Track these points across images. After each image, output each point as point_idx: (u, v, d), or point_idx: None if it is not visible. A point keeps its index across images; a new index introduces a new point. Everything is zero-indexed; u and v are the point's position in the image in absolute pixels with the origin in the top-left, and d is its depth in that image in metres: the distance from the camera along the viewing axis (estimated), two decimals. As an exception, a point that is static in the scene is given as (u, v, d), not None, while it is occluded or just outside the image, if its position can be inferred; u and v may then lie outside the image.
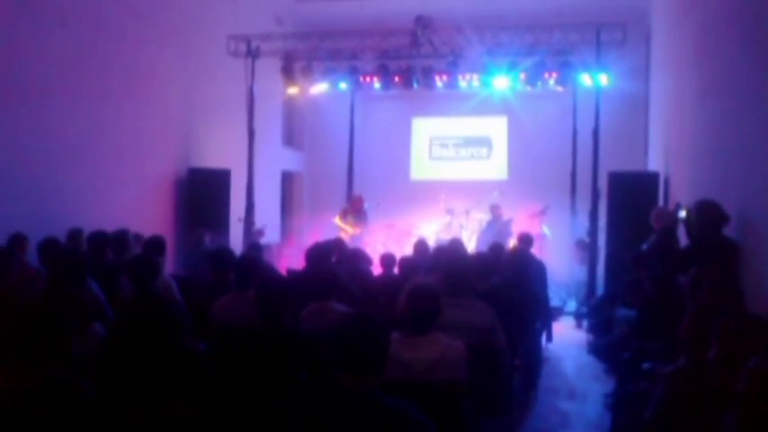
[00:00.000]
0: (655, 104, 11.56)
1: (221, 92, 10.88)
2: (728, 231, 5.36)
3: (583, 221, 10.65)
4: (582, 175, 10.84)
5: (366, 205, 11.82)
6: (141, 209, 9.07)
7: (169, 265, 8.10)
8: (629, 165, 10.79)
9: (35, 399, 2.54)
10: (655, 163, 10.96)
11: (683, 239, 6.57)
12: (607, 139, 10.22)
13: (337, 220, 11.58)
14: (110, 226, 6.71)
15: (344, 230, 11.06)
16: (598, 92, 10.16)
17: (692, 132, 7.74)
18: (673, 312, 4.45)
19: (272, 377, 3.33)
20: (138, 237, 7.14)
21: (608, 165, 9.74)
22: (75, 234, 6.67)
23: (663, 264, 6.08)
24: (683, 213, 5.94)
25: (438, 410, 2.67)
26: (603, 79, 10.50)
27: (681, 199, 7.40)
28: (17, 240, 6.05)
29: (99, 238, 6.21)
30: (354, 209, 11.63)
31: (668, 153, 9.62)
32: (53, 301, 4.06)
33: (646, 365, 4.40)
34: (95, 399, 2.67)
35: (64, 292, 4.35)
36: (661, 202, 8.93)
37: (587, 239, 10.27)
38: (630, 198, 8.92)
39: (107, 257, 6.15)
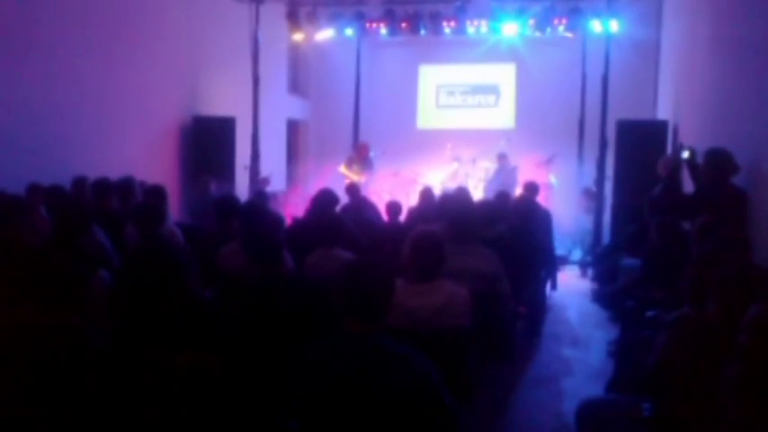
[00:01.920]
0: (666, 52, 11.37)
1: (226, 38, 10.73)
2: (738, 181, 5.31)
3: (590, 170, 10.60)
4: (590, 123, 10.75)
5: (372, 153, 11.75)
6: (146, 157, 9.04)
7: (175, 213, 8.11)
8: (637, 113, 10.65)
9: (45, 342, 2.57)
10: (664, 111, 10.84)
11: (687, 186, 6.53)
12: (616, 86, 10.08)
13: (342, 169, 11.53)
14: (115, 174, 6.69)
15: (350, 179, 11.01)
16: (608, 38, 9.98)
17: (703, 80, 7.62)
18: (678, 261, 4.45)
19: (274, 324, 3.35)
20: (143, 185, 7.13)
21: (616, 113, 9.62)
22: (79, 182, 6.66)
23: (668, 211, 6.05)
24: (685, 154, 5.84)
25: (442, 357, 2.68)
26: (614, 25, 10.32)
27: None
28: (33, 191, 6.08)
29: (103, 186, 6.20)
30: (360, 156, 11.57)
31: (678, 101, 9.50)
32: (59, 248, 4.10)
33: (650, 313, 4.40)
34: (103, 344, 2.69)
35: (69, 239, 4.37)
36: (669, 151, 8.85)
37: (594, 188, 10.23)
38: (639, 147, 8.83)
39: (112, 205, 6.15)
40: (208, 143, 10.13)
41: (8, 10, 6.74)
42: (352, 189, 8.50)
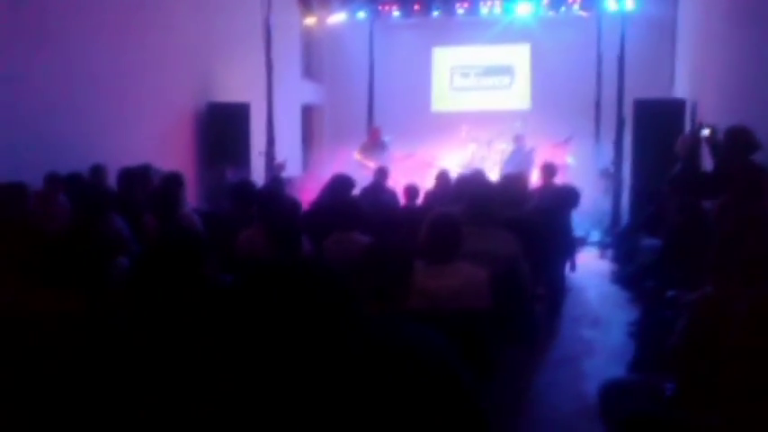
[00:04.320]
0: (683, 28, 11.22)
1: (238, 24, 10.70)
2: (758, 159, 5.24)
3: (607, 150, 10.52)
4: (606, 103, 10.66)
5: (385, 138, 11.70)
6: (162, 144, 9.06)
7: (192, 200, 8.14)
8: (654, 92, 10.52)
9: (63, 328, 2.58)
10: (681, 90, 10.72)
11: (707, 164, 6.45)
12: (632, 65, 9.99)
13: (357, 155, 11.49)
14: (132, 162, 6.71)
15: (366, 165, 10.95)
16: (623, 16, 9.89)
17: (722, 57, 7.52)
18: (698, 240, 4.41)
19: (293, 307, 3.35)
20: (159, 172, 7.15)
21: (633, 92, 9.53)
22: (97, 169, 6.70)
23: (688, 191, 5.98)
24: (705, 132, 5.77)
25: (461, 339, 2.66)
26: (629, 3, 10.20)
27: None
28: (52, 179, 6.14)
29: (126, 175, 6.23)
30: (373, 142, 11.53)
31: (696, 79, 9.39)
32: (78, 235, 4.12)
33: (670, 293, 4.37)
34: (121, 330, 2.70)
35: (88, 226, 4.39)
36: (688, 130, 8.76)
37: (612, 169, 10.16)
38: (656, 126, 8.76)
39: (131, 193, 6.18)
40: (223, 129, 10.14)
41: (22, -1, 6.77)
42: (382, 173, 8.43)
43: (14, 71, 6.64)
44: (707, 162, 6.96)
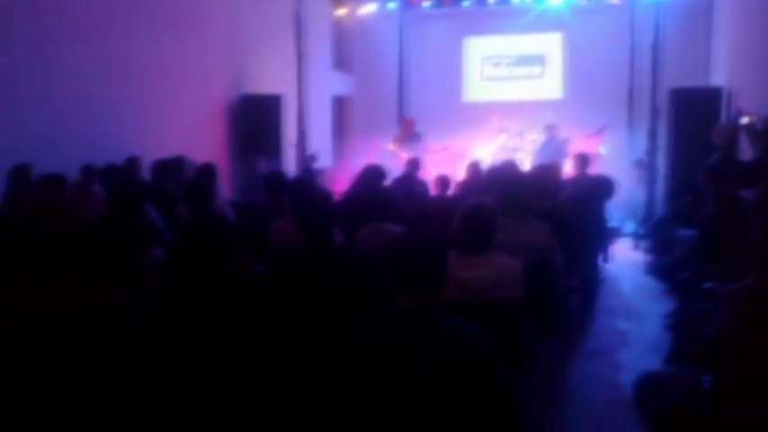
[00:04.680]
0: (720, 14, 10.99)
1: (270, 17, 10.75)
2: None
3: (641, 140, 10.37)
4: (640, 92, 10.51)
5: (419, 129, 11.66)
6: (196, 136, 9.15)
7: (225, 191, 8.20)
8: (690, 80, 10.34)
9: (99, 318, 2.61)
10: (718, 78, 10.52)
11: (745, 153, 6.33)
12: (667, 53, 9.82)
13: (392, 146, 11.47)
14: (166, 153, 6.80)
15: (400, 156, 10.89)
16: (658, 3, 9.70)
17: (762, 43, 7.35)
18: (736, 231, 4.33)
19: (325, 299, 3.36)
20: (193, 164, 7.22)
21: (668, 81, 9.37)
22: (132, 161, 6.78)
23: (726, 180, 5.88)
24: (745, 120, 5.66)
25: (495, 330, 2.65)
26: (664, -11, 10.02)
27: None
28: (88, 171, 6.25)
29: (161, 166, 6.30)
30: (407, 132, 11.50)
31: (734, 66, 9.20)
32: (113, 226, 4.17)
33: (707, 285, 4.29)
34: (156, 320, 2.73)
35: (123, 217, 4.45)
36: (724, 119, 8.60)
37: (646, 159, 10.01)
38: (691, 115, 8.63)
39: (165, 184, 6.25)
40: (255, 121, 10.22)
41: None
42: (414, 164, 8.40)
43: (53, 65, 6.76)
44: (745, 151, 6.83)
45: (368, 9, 12.83)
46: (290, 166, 10.16)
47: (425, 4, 12.45)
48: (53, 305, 2.73)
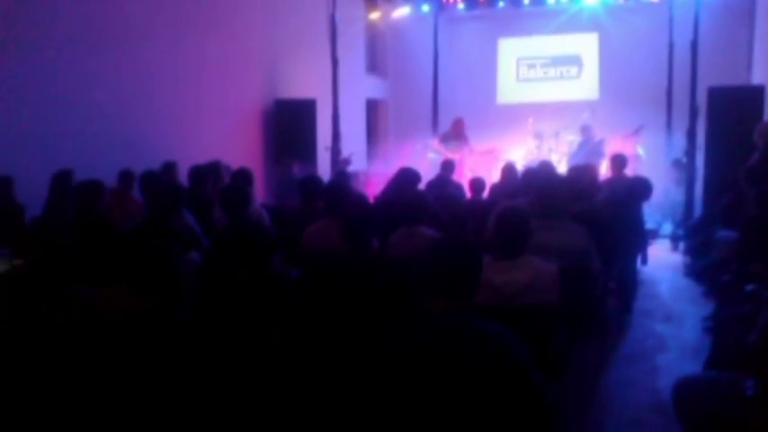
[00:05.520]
0: (762, 10, 10.77)
1: (304, 21, 10.82)
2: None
3: (679, 141, 10.20)
4: (678, 91, 10.32)
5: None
6: (232, 141, 9.25)
7: (260, 195, 8.27)
8: (730, 79, 10.16)
9: (136, 322, 2.65)
10: (760, 76, 10.32)
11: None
12: (706, 52, 9.62)
13: (435, 144, 11.42)
14: (202, 159, 6.87)
15: (444, 155, 10.75)
16: (697, 1, 9.53)
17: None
18: (780, 233, 4.23)
19: (362, 302, 3.37)
20: (229, 168, 7.29)
21: (707, 80, 9.20)
22: (169, 166, 6.86)
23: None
24: None
25: (530, 334, 2.63)
26: (703, -13, 9.84)
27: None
28: (126, 176, 6.36)
29: (197, 172, 6.38)
30: (456, 132, 11.44)
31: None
32: (152, 231, 4.24)
33: (749, 287, 4.21)
34: (192, 326, 2.76)
35: (161, 222, 4.51)
36: (766, 118, 8.42)
37: (684, 159, 9.83)
38: (732, 114, 8.44)
39: (202, 189, 6.31)
40: (290, 126, 10.30)
41: (105, 7, 7.04)
42: (448, 166, 8.37)
43: (91, 71, 6.90)
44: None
45: (401, 12, 12.83)
46: (324, 169, 10.20)
47: (459, 6, 12.42)
48: (93, 311, 2.78)
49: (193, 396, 2.56)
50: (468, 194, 7.33)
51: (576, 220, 4.35)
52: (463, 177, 9.38)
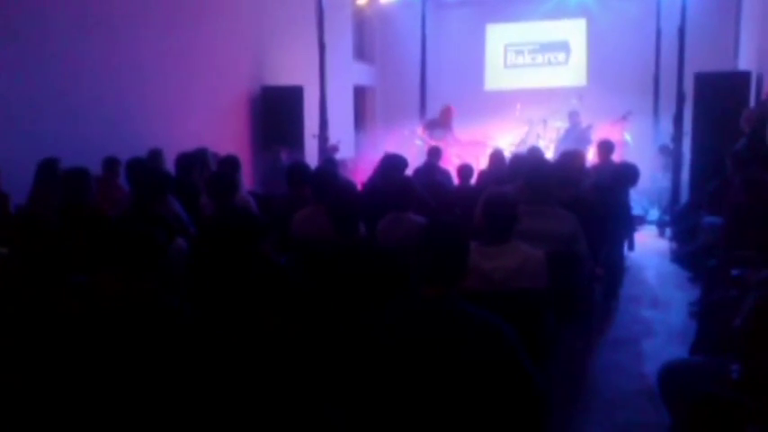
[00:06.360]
0: (749, -2, 10.80)
1: (290, 7, 10.74)
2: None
3: (666, 126, 10.22)
4: (666, 77, 10.36)
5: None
6: (218, 128, 9.19)
7: (247, 182, 8.23)
8: (717, 65, 10.18)
9: (125, 309, 2.64)
10: (746, 62, 10.35)
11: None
12: (693, 38, 9.63)
13: (419, 131, 11.39)
14: (189, 146, 6.83)
15: (428, 143, 10.73)
16: (684, -13, 9.53)
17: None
18: (765, 217, 4.26)
19: (350, 288, 3.36)
20: (216, 156, 7.24)
21: (694, 66, 9.22)
22: (155, 154, 6.81)
23: (754, 166, 5.79)
24: None
25: (518, 319, 2.63)
26: (690, -27, 9.84)
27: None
28: (111, 164, 6.32)
29: (184, 159, 6.34)
30: (444, 120, 11.39)
31: (763, 50, 9.04)
32: (138, 218, 4.21)
33: (735, 273, 4.24)
34: (180, 310, 2.75)
35: (147, 209, 4.48)
36: (753, 104, 8.45)
37: (671, 145, 9.86)
38: (719, 100, 8.47)
39: (191, 177, 6.28)
40: (277, 113, 10.25)
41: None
42: (435, 152, 8.35)
43: (76, 59, 6.84)
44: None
45: (388, -2, 12.77)
46: (311, 156, 10.16)
47: (447, -8, 12.39)
48: (82, 298, 2.77)
49: (195, 383, 2.55)
50: (456, 181, 7.34)
51: (564, 205, 4.36)
52: (450, 165, 9.34)
